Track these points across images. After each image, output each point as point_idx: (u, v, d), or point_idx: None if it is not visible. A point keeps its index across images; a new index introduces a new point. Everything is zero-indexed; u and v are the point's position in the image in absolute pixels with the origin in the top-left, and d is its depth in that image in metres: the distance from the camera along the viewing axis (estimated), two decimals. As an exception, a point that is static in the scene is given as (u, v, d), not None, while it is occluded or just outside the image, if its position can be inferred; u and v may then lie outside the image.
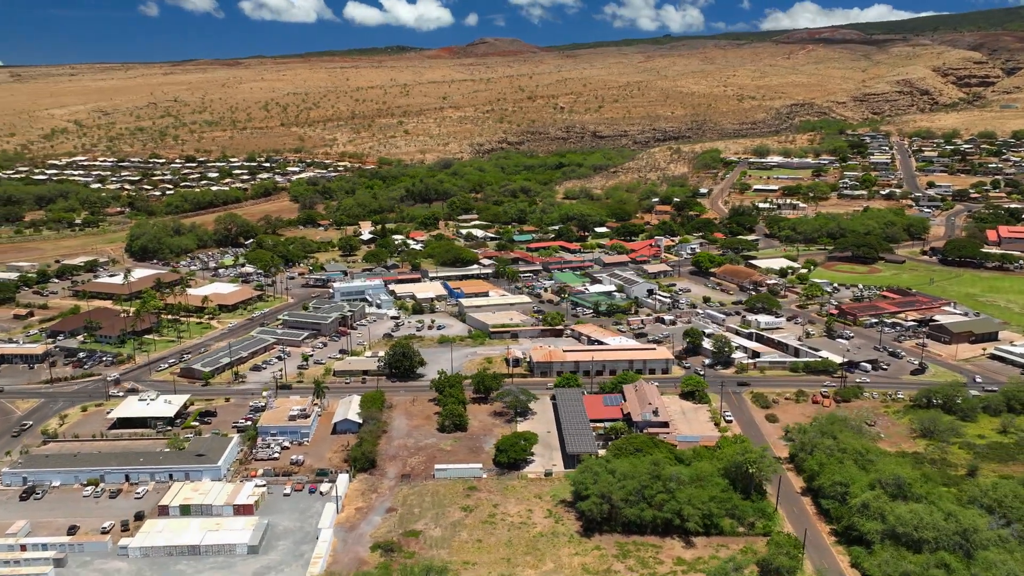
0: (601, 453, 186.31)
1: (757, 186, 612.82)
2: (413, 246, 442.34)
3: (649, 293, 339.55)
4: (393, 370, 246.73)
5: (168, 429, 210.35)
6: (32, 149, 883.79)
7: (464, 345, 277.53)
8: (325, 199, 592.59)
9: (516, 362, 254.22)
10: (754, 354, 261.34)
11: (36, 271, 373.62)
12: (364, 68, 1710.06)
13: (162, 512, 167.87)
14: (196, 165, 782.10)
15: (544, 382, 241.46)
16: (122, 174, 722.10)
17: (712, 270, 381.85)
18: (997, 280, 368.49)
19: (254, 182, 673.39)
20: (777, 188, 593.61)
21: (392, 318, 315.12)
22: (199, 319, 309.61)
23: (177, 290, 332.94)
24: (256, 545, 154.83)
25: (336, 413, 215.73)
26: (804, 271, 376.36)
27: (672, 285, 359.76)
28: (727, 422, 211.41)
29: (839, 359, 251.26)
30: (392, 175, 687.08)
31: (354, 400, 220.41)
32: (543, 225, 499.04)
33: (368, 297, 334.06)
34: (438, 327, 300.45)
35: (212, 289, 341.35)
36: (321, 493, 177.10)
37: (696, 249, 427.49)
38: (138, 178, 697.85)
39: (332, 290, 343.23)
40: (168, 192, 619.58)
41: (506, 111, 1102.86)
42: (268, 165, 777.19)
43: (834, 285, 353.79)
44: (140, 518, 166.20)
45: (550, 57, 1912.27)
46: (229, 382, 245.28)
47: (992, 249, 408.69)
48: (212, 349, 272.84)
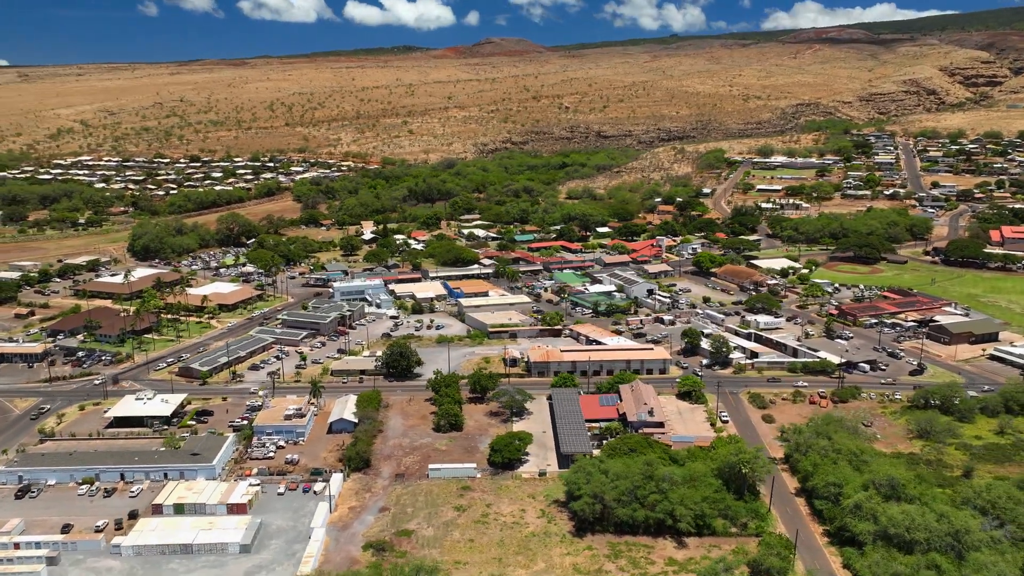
0: (596, 453, 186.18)
1: (760, 186, 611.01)
2: (414, 246, 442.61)
3: (649, 293, 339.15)
4: (390, 370, 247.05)
5: (164, 428, 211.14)
6: (38, 149, 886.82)
7: (462, 345, 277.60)
8: (328, 199, 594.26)
9: (513, 362, 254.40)
10: (752, 354, 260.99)
11: (38, 270, 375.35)
12: (370, 68, 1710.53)
13: (156, 511, 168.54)
14: (200, 165, 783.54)
15: (541, 382, 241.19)
16: (126, 174, 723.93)
17: (713, 270, 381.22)
18: (999, 280, 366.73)
19: (258, 182, 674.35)
20: (781, 188, 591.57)
21: (391, 318, 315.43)
22: (199, 318, 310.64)
23: (177, 289, 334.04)
24: (248, 544, 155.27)
25: (332, 413, 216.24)
26: (805, 271, 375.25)
27: (672, 285, 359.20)
28: (723, 422, 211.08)
29: (837, 359, 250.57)
30: (395, 175, 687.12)
31: (350, 400, 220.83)
32: (545, 225, 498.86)
33: (367, 297, 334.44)
34: (437, 327, 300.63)
35: (212, 288, 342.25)
36: (315, 492, 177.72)
37: (697, 249, 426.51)
38: (142, 178, 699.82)
39: (332, 290, 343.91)
40: (172, 192, 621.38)
41: (511, 111, 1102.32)
42: (272, 165, 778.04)
43: (835, 285, 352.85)
44: (134, 517, 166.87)
45: (555, 57, 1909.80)
46: (227, 381, 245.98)
47: (995, 250, 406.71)
48: (211, 348, 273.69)
